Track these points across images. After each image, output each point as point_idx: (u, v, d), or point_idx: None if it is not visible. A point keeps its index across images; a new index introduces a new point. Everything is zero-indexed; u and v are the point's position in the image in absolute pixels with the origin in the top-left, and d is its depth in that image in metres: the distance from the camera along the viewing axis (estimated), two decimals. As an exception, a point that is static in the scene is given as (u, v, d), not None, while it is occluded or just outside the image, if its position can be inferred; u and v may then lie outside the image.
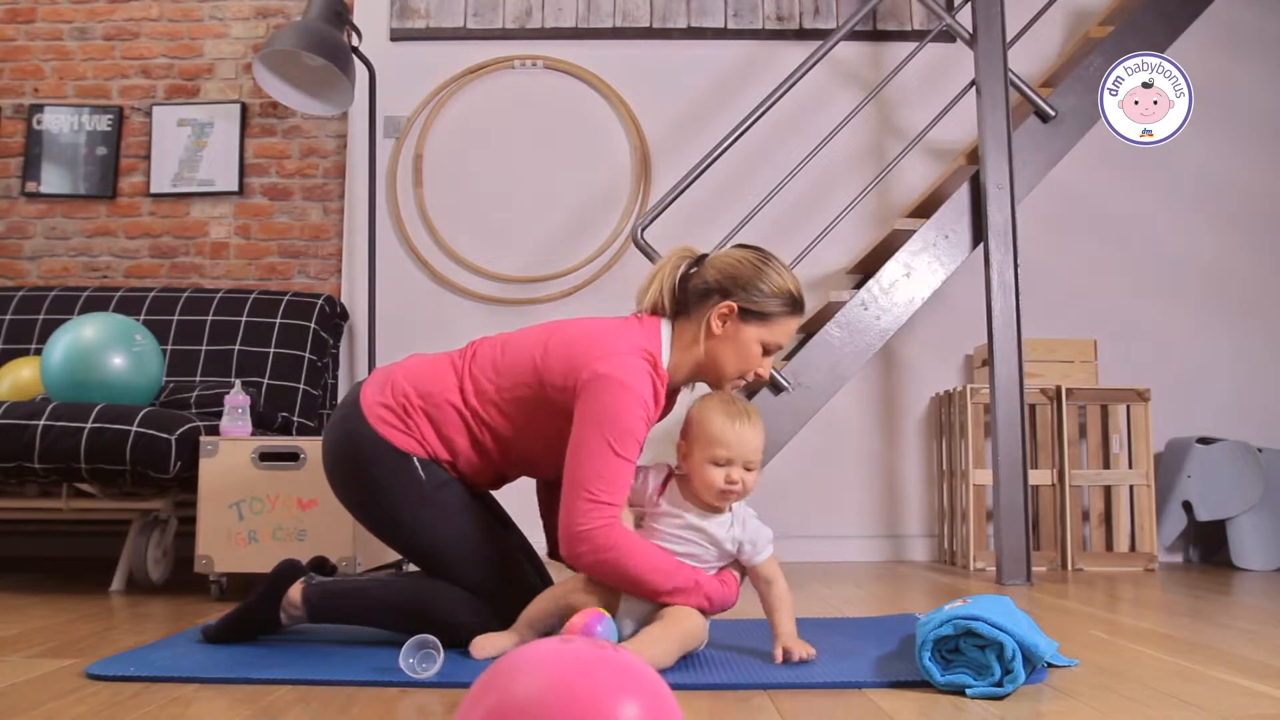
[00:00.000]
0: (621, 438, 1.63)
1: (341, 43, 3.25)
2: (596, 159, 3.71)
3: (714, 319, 1.76)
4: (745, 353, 1.78)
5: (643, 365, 1.69)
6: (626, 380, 1.65)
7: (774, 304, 1.76)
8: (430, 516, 1.75)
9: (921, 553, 3.58)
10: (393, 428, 1.75)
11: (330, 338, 3.43)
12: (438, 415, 1.75)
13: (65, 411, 2.46)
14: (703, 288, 1.78)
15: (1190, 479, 3.38)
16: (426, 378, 1.79)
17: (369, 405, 1.77)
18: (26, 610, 2.22)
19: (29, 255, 3.71)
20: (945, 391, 3.51)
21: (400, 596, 1.76)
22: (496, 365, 1.77)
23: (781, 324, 1.79)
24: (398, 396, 1.77)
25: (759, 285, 1.76)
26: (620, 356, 1.68)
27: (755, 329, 1.77)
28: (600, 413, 1.64)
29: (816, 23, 3.73)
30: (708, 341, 1.78)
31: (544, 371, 1.72)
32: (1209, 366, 3.64)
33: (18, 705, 1.35)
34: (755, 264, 1.78)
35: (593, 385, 1.65)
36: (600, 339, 1.72)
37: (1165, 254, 3.67)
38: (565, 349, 1.72)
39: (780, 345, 1.81)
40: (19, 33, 3.79)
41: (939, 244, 3.07)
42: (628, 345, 1.70)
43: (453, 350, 1.86)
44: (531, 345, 1.76)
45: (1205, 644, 1.87)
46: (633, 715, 0.76)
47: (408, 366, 1.83)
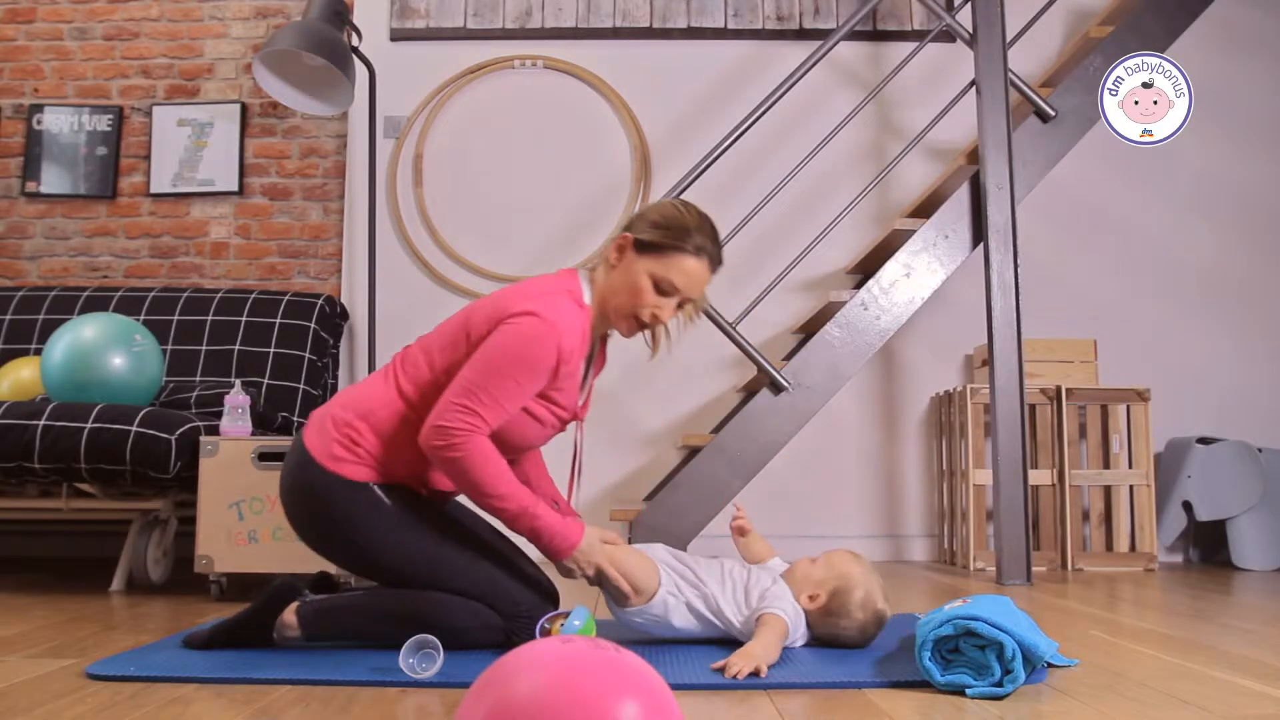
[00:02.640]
0: (521, 360, 1.66)
1: (341, 43, 3.25)
2: (596, 159, 3.71)
3: (612, 250, 1.79)
4: (634, 285, 1.76)
5: (564, 299, 1.73)
6: (544, 314, 1.68)
7: (665, 236, 1.75)
8: (404, 537, 1.74)
9: (921, 553, 3.58)
10: (343, 461, 1.73)
11: (330, 338, 3.43)
12: (385, 428, 1.74)
13: (65, 411, 2.46)
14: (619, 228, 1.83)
15: (1190, 479, 3.38)
16: (361, 399, 1.78)
17: (314, 446, 1.75)
18: (26, 610, 2.22)
19: (29, 255, 3.71)
20: (945, 391, 3.51)
21: (398, 606, 1.73)
22: (428, 352, 1.78)
23: (675, 261, 1.75)
24: (340, 427, 1.75)
25: (658, 220, 1.77)
26: (540, 296, 1.72)
27: (646, 261, 1.76)
28: (509, 337, 1.67)
29: (816, 23, 3.73)
30: (607, 274, 1.80)
31: (472, 329, 1.73)
32: (1209, 366, 3.64)
33: (17, 705, 1.35)
34: (668, 204, 1.83)
35: (509, 320, 1.68)
36: (522, 286, 1.79)
37: (1165, 254, 3.67)
38: (490, 301, 1.77)
39: (676, 287, 1.76)
40: (19, 32, 3.79)
41: (939, 244, 3.07)
42: (548, 287, 1.76)
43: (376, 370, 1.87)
44: (457, 318, 1.80)
45: (1205, 644, 1.87)
46: (633, 715, 0.76)
47: (339, 400, 1.82)
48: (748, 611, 1.72)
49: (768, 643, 1.60)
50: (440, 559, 1.74)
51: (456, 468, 1.66)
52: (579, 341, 1.72)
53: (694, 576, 1.76)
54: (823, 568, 1.77)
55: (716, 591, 1.75)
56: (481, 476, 1.65)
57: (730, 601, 1.74)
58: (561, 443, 1.98)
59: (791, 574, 1.79)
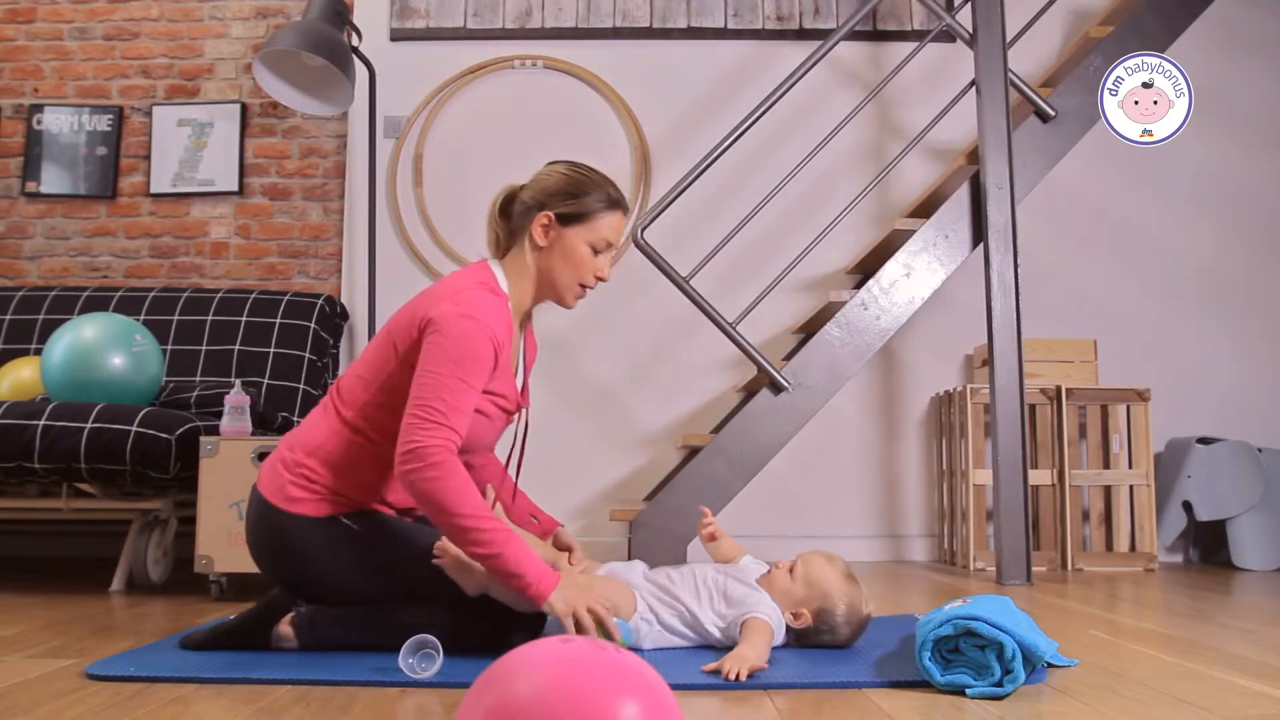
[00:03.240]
0: (463, 361, 1.64)
1: (341, 43, 3.25)
2: (597, 159, 3.61)
3: (536, 232, 1.80)
4: (575, 257, 1.80)
5: (480, 292, 1.73)
6: (466, 310, 1.67)
7: (589, 203, 1.79)
8: (379, 565, 1.73)
9: (921, 553, 3.58)
10: (301, 501, 1.72)
11: (330, 338, 3.43)
12: (336, 459, 1.74)
13: (65, 411, 2.46)
14: (522, 209, 1.82)
15: (1190, 479, 3.38)
16: (306, 437, 1.78)
17: (270, 492, 1.74)
18: (26, 610, 2.22)
19: (29, 255, 3.71)
20: (945, 391, 3.51)
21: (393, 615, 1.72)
22: (360, 375, 1.78)
23: (603, 219, 1.80)
24: (291, 468, 1.74)
25: (569, 190, 1.79)
26: (456, 294, 1.72)
27: (577, 231, 1.80)
28: (444, 342, 1.65)
29: (816, 23, 3.73)
30: (535, 255, 1.81)
31: (398, 341, 1.73)
32: (1209, 366, 3.64)
33: (18, 705, 1.35)
34: (563, 173, 1.83)
35: (434, 324, 1.67)
36: (435, 289, 1.78)
37: (1165, 254, 3.67)
38: (408, 311, 1.76)
39: (609, 243, 1.82)
40: (19, 33, 3.79)
41: (939, 244, 3.07)
42: (462, 283, 1.75)
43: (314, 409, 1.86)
44: (379, 339, 1.80)
45: (1205, 644, 1.87)
46: (633, 715, 0.76)
47: (285, 442, 1.81)
48: (729, 616, 1.71)
49: (757, 645, 1.60)
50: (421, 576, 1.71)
51: (431, 489, 1.58)
52: (505, 332, 1.72)
53: (669, 594, 1.75)
54: (802, 585, 1.75)
55: (693, 605, 1.73)
56: (458, 500, 1.58)
57: (708, 610, 1.73)
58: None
59: (770, 584, 1.76)
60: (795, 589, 1.75)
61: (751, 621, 1.67)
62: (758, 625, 1.66)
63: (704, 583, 1.76)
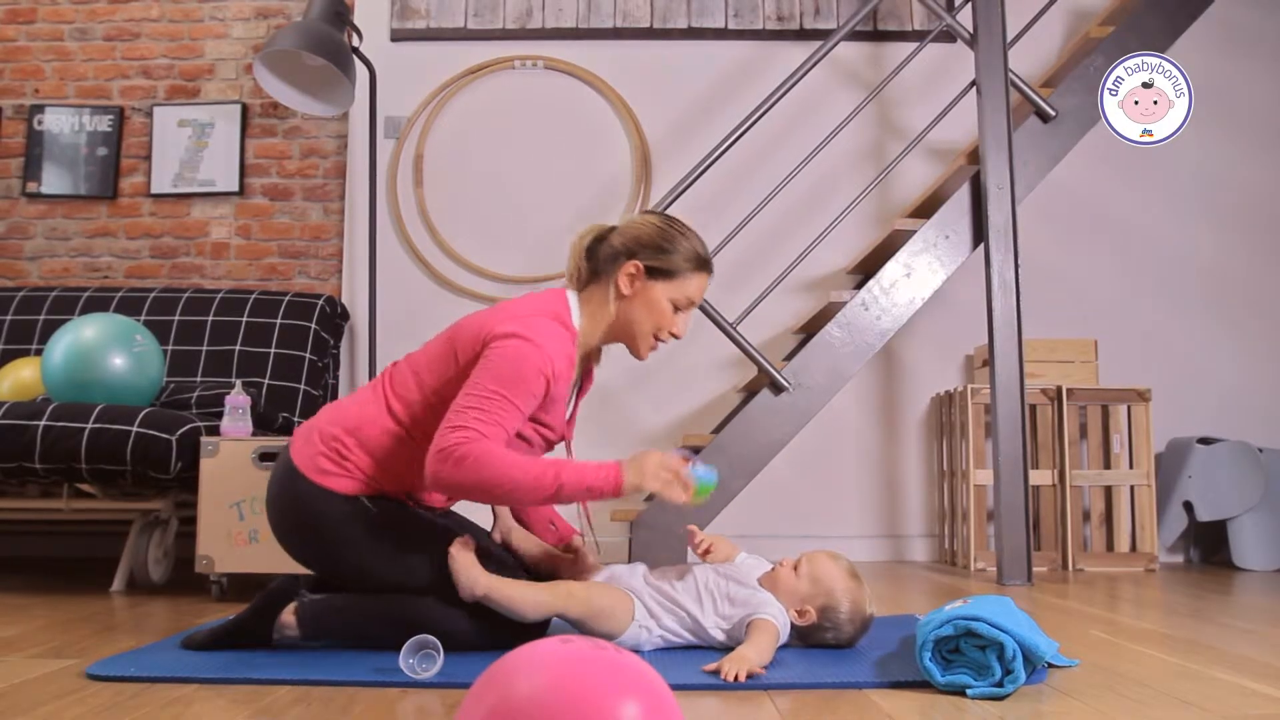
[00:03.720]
0: (514, 383, 1.65)
1: (342, 43, 3.25)
2: (597, 159, 3.71)
3: (622, 279, 1.81)
4: (656, 310, 1.82)
5: (550, 323, 1.74)
6: (529, 335, 1.68)
7: (679, 261, 1.81)
8: (392, 550, 1.74)
9: (922, 553, 3.58)
10: (331, 474, 1.74)
11: (331, 338, 3.43)
12: (373, 444, 1.75)
13: (66, 412, 2.46)
14: (611, 253, 1.83)
15: (1191, 479, 3.38)
16: (350, 415, 1.78)
17: (301, 460, 1.76)
18: (28, 610, 2.23)
19: (30, 256, 3.71)
20: (946, 392, 3.51)
21: (398, 609, 1.72)
22: (416, 370, 1.79)
23: (689, 280, 1.82)
24: (328, 441, 1.75)
25: (662, 244, 1.81)
26: (529, 317, 1.73)
27: (663, 286, 1.81)
28: (499, 361, 1.67)
29: (817, 23, 3.73)
30: (618, 303, 1.82)
31: (460, 350, 1.74)
32: (1210, 366, 3.64)
33: (18, 705, 1.35)
34: (658, 225, 1.84)
35: (496, 341, 1.69)
36: (508, 306, 1.80)
37: (1166, 254, 3.67)
38: (476, 321, 1.78)
39: (692, 302, 1.84)
40: (19, 33, 3.79)
41: (939, 244, 3.07)
42: (535, 309, 1.77)
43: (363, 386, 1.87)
44: (443, 338, 1.81)
45: (1206, 644, 1.87)
46: (633, 715, 0.76)
47: (326, 414, 1.82)
48: (734, 617, 1.71)
49: (760, 646, 1.60)
50: (428, 567, 1.72)
51: (465, 477, 1.61)
52: (565, 366, 1.73)
53: (670, 600, 1.74)
54: (807, 582, 1.75)
55: (695, 610, 1.73)
56: (494, 471, 1.60)
57: (711, 615, 1.73)
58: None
59: (774, 581, 1.76)
60: (800, 586, 1.75)
61: (757, 622, 1.67)
62: (763, 626, 1.66)
63: (705, 587, 1.76)
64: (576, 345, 1.79)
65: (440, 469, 1.62)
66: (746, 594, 1.73)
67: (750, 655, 1.55)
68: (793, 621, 1.74)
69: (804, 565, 1.78)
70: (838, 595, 1.74)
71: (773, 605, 1.71)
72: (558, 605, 1.67)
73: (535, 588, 1.69)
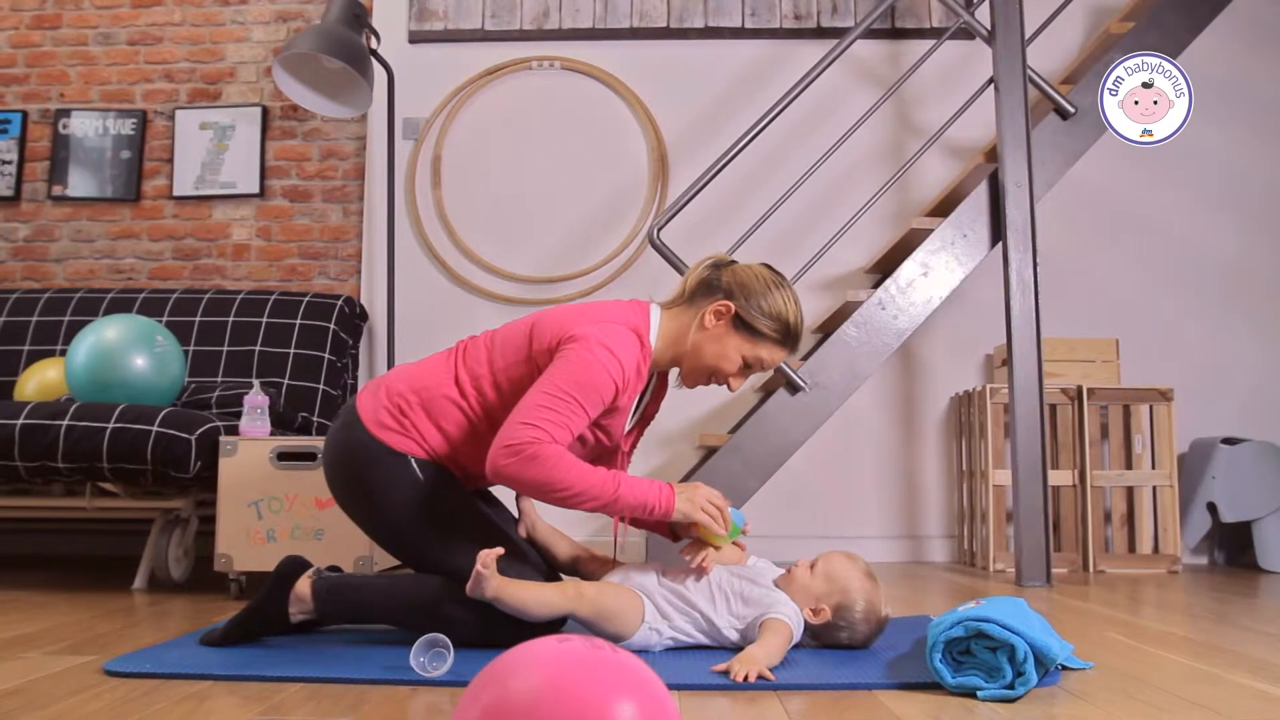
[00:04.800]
0: (583, 387, 1.68)
1: (360, 45, 3.28)
2: (614, 159, 3.72)
3: (710, 314, 1.81)
4: (724, 356, 1.82)
5: (628, 334, 1.76)
6: (606, 342, 1.71)
7: (767, 324, 1.81)
8: (427, 517, 1.77)
9: (941, 554, 3.56)
10: (389, 430, 1.79)
11: (349, 338, 3.46)
12: (434, 407, 1.79)
13: (88, 412, 2.49)
14: (714, 283, 1.83)
15: (1215, 480, 3.33)
16: (419, 375, 1.84)
17: (365, 411, 1.81)
18: (50, 607, 2.26)
19: (55, 258, 3.77)
20: (965, 391, 3.49)
21: (409, 591, 1.76)
22: (490, 350, 1.82)
23: (766, 347, 1.83)
24: (393, 398, 1.81)
25: (760, 301, 1.81)
26: (607, 324, 1.75)
27: (741, 339, 1.82)
28: (569, 362, 1.70)
29: (834, 21, 3.71)
30: (698, 333, 1.82)
31: (535, 339, 1.77)
32: (1233, 365, 3.59)
33: (36, 701, 1.37)
34: (768, 282, 1.84)
35: (570, 343, 1.71)
36: (591, 309, 1.81)
37: (1188, 251, 3.63)
38: (558, 317, 1.80)
39: (761, 366, 1.85)
40: (45, 39, 3.85)
41: (957, 243, 3.05)
42: (616, 317, 1.79)
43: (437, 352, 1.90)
44: (522, 324, 1.84)
45: (1225, 647, 1.84)
46: (629, 715, 0.76)
47: (397, 373, 1.88)
48: (748, 617, 1.71)
49: (770, 646, 1.59)
50: (457, 543, 1.75)
51: (529, 475, 1.65)
52: (635, 378, 1.75)
53: (684, 600, 1.74)
54: (822, 580, 1.75)
55: (709, 610, 1.73)
56: (558, 474, 1.65)
57: (724, 615, 1.72)
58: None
59: (789, 582, 1.76)
60: (815, 584, 1.75)
61: (769, 622, 1.67)
62: (775, 626, 1.66)
63: (719, 586, 1.76)
64: (649, 361, 1.80)
65: (507, 463, 1.65)
66: (760, 593, 1.73)
67: (760, 655, 1.55)
68: (807, 620, 1.73)
69: (820, 564, 1.78)
70: (853, 593, 1.74)
71: (786, 605, 1.71)
72: (567, 607, 1.68)
73: (545, 589, 1.69)
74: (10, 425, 2.47)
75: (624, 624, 1.70)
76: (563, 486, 1.66)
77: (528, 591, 1.67)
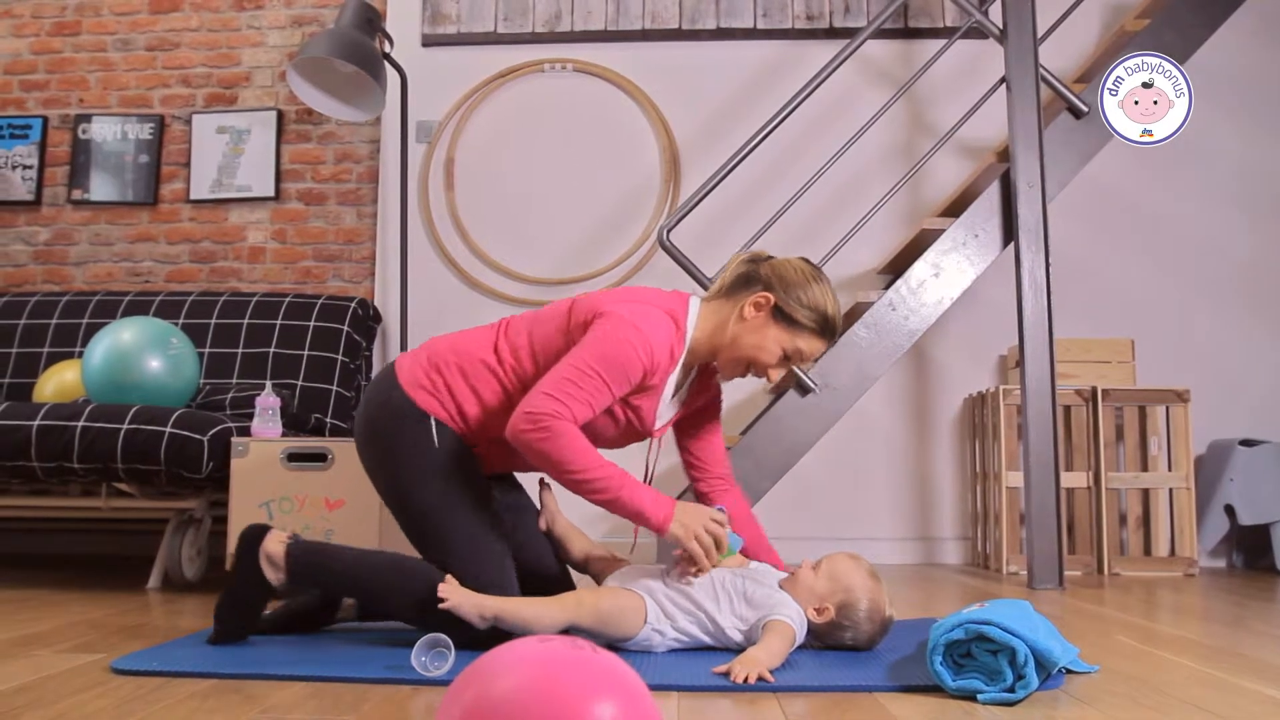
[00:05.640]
0: (609, 362, 1.70)
1: (372, 49, 3.30)
2: (626, 161, 3.72)
3: (749, 305, 1.82)
4: (762, 347, 1.82)
5: (663, 316, 1.78)
6: (638, 323, 1.73)
7: (806, 314, 1.81)
8: (434, 484, 1.78)
9: (954, 556, 3.54)
10: (420, 388, 1.81)
11: (363, 340, 3.48)
12: (470, 370, 1.82)
13: (102, 413, 2.53)
14: (753, 276, 1.85)
15: (1233, 482, 3.29)
16: (461, 340, 1.88)
17: (403, 368, 1.85)
18: (64, 606, 2.29)
19: (75, 261, 3.82)
20: (978, 392, 3.47)
21: (379, 569, 1.77)
22: (530, 322, 1.86)
23: (805, 338, 1.83)
24: (431, 358, 1.85)
25: (800, 293, 1.81)
26: (639, 304, 1.78)
27: (780, 330, 1.82)
28: (602, 338, 1.72)
29: (847, 21, 3.70)
30: (737, 324, 1.83)
31: (572, 315, 1.80)
32: (1251, 366, 3.55)
33: (43, 698, 1.39)
34: (806, 274, 1.84)
35: (605, 318, 1.74)
36: (629, 291, 1.86)
37: (1204, 250, 3.59)
38: (596, 294, 1.84)
39: (800, 358, 1.85)
40: (65, 45, 3.90)
41: (968, 243, 3.04)
42: (652, 299, 1.81)
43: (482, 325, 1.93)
44: (563, 302, 1.87)
45: (1236, 651, 1.82)
46: (608, 715, 0.77)
47: (442, 337, 1.91)
48: (751, 619, 1.71)
49: (772, 648, 1.59)
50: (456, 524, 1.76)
51: (545, 448, 1.67)
52: (666, 359, 1.76)
53: (689, 599, 1.74)
54: (825, 580, 1.75)
55: (712, 610, 1.73)
56: (570, 455, 1.67)
57: (728, 615, 1.72)
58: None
59: (793, 583, 1.76)
60: (819, 584, 1.75)
61: (771, 624, 1.67)
62: (777, 627, 1.66)
63: (723, 586, 1.76)
64: (683, 347, 1.81)
65: (525, 430, 1.67)
66: (764, 594, 1.73)
67: (761, 657, 1.55)
68: (811, 620, 1.73)
69: (824, 564, 1.78)
70: (856, 592, 1.74)
71: (789, 606, 1.71)
72: (569, 616, 1.68)
73: (544, 605, 1.69)
74: (27, 426, 2.51)
75: (626, 626, 1.70)
76: (570, 469, 1.67)
77: (528, 609, 1.67)
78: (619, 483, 1.70)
